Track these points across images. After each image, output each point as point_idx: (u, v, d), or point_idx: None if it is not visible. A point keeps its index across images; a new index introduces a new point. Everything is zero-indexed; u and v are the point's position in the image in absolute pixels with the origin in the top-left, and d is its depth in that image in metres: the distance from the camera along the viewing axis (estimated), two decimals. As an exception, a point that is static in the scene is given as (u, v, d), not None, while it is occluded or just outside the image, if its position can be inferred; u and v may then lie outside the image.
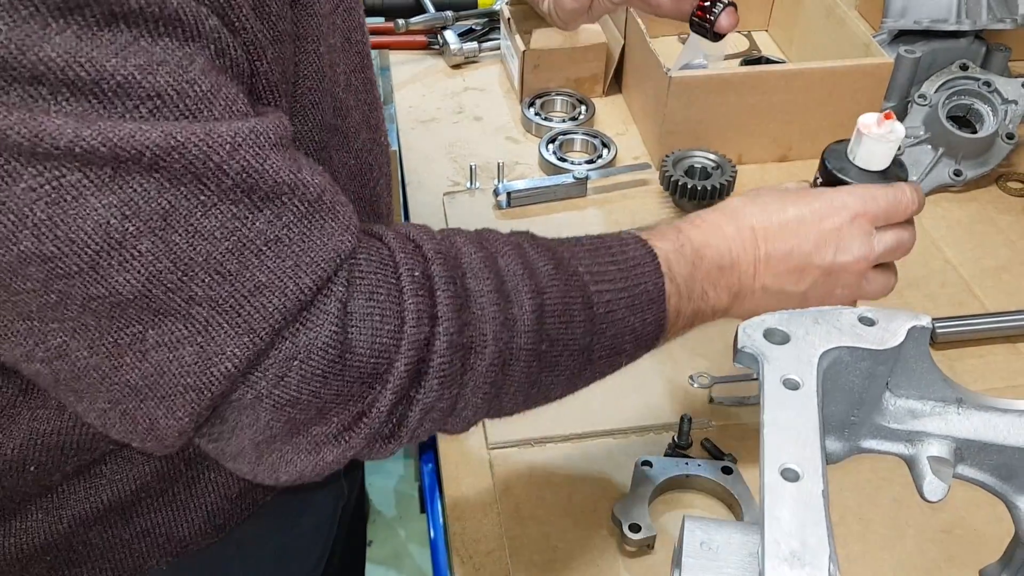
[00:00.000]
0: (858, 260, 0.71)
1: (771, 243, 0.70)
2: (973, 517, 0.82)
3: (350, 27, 0.69)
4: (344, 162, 0.69)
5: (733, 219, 0.70)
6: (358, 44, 0.71)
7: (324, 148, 0.66)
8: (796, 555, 0.44)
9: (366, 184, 0.73)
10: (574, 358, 0.63)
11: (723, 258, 0.69)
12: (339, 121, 0.67)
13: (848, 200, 0.72)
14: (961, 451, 0.58)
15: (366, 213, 0.74)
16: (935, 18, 1.24)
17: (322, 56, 0.63)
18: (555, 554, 0.80)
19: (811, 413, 0.50)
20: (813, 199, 0.72)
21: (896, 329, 0.55)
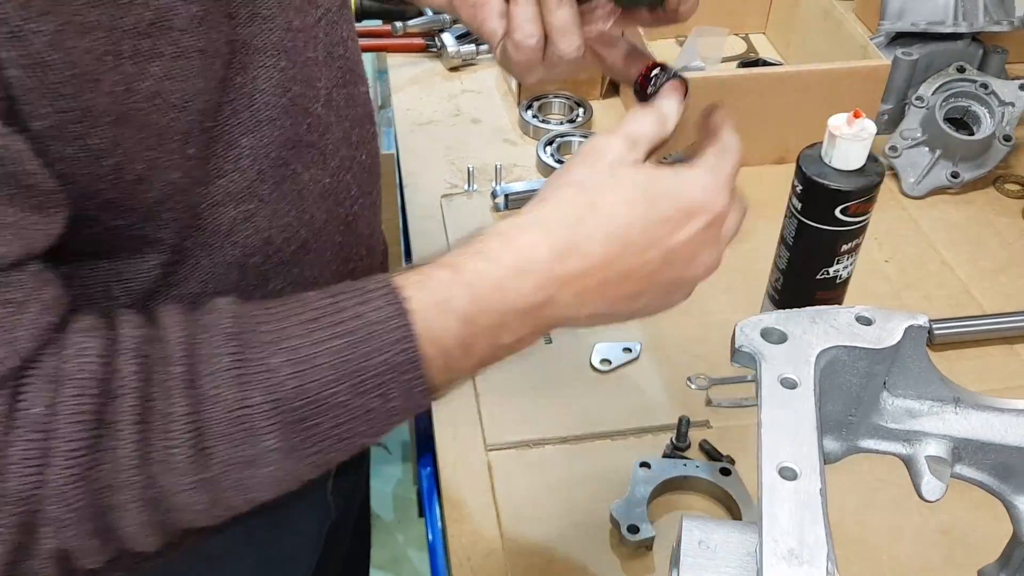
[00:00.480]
0: (708, 271, 0.61)
1: (606, 269, 0.56)
2: (971, 518, 0.82)
3: (333, 41, 0.67)
4: (317, 179, 0.66)
5: (551, 238, 0.55)
6: (341, 59, 0.69)
7: (286, 164, 0.63)
8: (794, 553, 0.44)
9: (341, 203, 0.70)
10: (271, 465, 0.52)
11: (527, 299, 0.55)
12: (314, 137, 0.65)
13: (703, 201, 0.58)
14: (959, 450, 0.58)
15: (340, 233, 0.70)
16: (932, 20, 1.25)
17: (287, 70, 0.60)
18: (554, 556, 0.80)
19: (809, 412, 0.50)
20: (659, 199, 0.57)
21: (893, 328, 0.55)
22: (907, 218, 1.16)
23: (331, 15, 0.67)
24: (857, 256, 0.89)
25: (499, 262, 0.55)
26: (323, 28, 0.65)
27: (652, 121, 0.62)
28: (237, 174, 0.60)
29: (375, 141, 0.76)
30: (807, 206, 0.85)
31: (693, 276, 0.61)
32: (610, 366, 0.96)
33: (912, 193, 1.19)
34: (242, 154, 0.60)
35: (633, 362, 0.96)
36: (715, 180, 0.60)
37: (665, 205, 0.57)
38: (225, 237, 0.62)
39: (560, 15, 0.62)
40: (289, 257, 0.66)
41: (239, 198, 0.61)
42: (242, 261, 0.63)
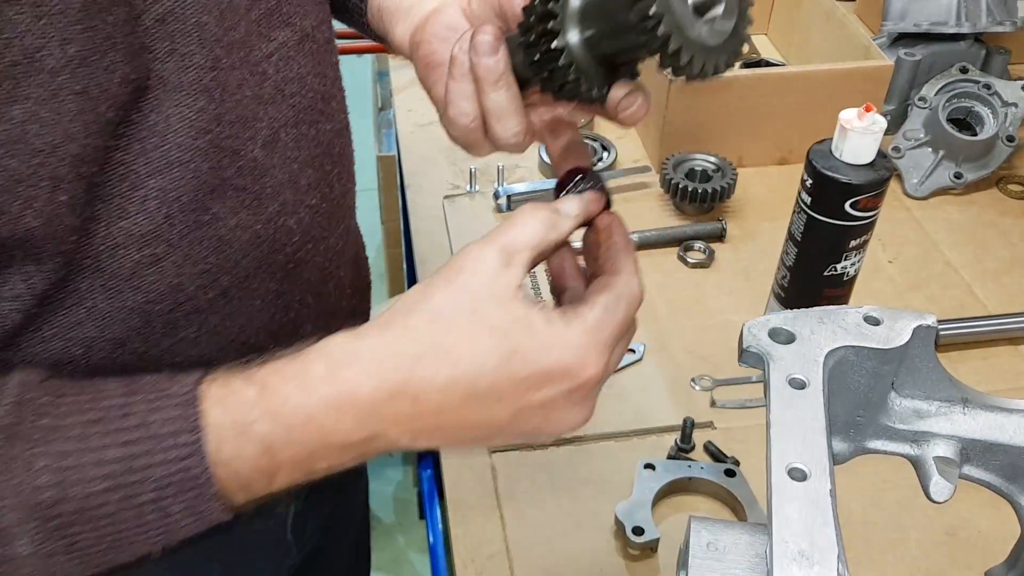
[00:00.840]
0: (573, 427, 0.54)
1: (442, 416, 0.50)
2: (978, 519, 0.82)
3: (286, 78, 0.62)
4: (246, 225, 0.62)
5: (382, 375, 0.49)
6: (296, 97, 0.64)
7: (204, 208, 0.59)
8: (805, 555, 0.44)
9: (280, 250, 0.65)
10: (26, 568, 0.49)
11: (344, 436, 0.50)
12: (245, 181, 0.61)
13: (570, 367, 0.50)
14: (967, 451, 0.58)
15: (277, 281, 0.66)
16: (935, 21, 1.24)
17: (207, 110, 0.56)
18: (558, 558, 0.79)
19: (818, 412, 0.50)
20: (517, 355, 0.49)
21: (902, 328, 0.55)
22: (911, 219, 1.16)
23: (286, 50, 0.62)
24: (864, 254, 0.88)
25: (315, 393, 0.49)
26: (274, 64, 0.61)
27: (538, 226, 0.53)
28: (142, 216, 0.56)
29: (342, 181, 0.71)
30: (817, 200, 0.84)
31: (553, 432, 0.54)
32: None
33: (915, 194, 1.19)
34: (149, 195, 0.55)
35: (636, 363, 0.96)
36: (593, 342, 0.51)
37: (522, 363, 0.49)
38: (126, 281, 0.57)
39: (495, 98, 0.55)
40: (205, 305, 0.62)
41: (144, 241, 0.57)
42: (146, 307, 0.59)
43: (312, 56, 0.65)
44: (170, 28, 0.53)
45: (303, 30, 0.64)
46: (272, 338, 0.68)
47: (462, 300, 0.50)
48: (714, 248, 1.09)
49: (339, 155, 0.70)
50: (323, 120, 0.67)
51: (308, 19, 0.64)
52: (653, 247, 1.10)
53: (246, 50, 0.59)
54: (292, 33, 0.63)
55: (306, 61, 0.64)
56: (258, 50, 0.60)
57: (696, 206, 1.12)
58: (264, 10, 0.60)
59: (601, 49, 0.53)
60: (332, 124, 0.69)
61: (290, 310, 0.69)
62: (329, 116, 0.68)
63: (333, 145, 0.69)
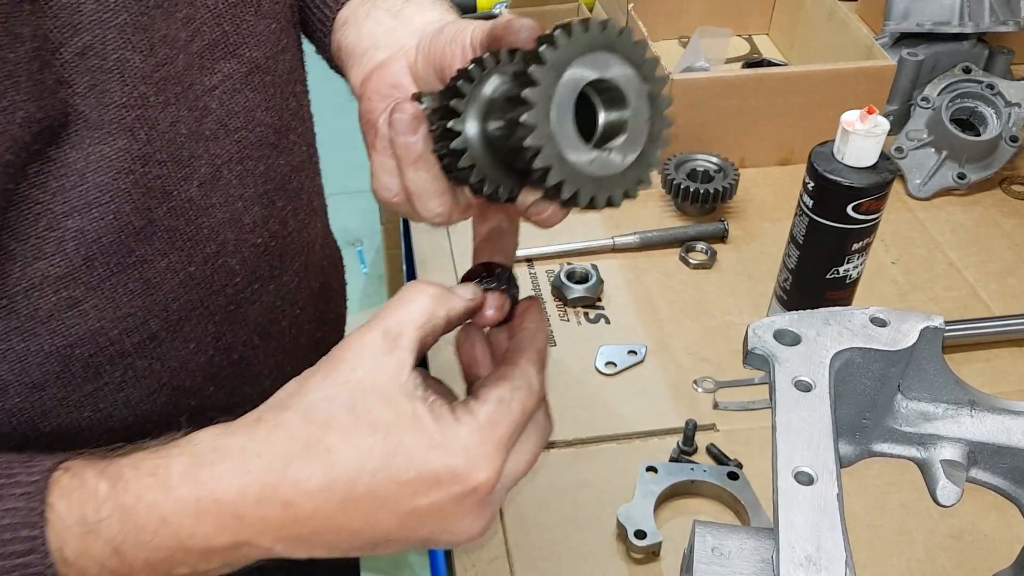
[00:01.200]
0: (470, 538, 0.48)
1: (319, 523, 0.46)
2: (983, 523, 0.81)
3: (230, 112, 0.60)
4: (177, 268, 0.60)
5: (249, 477, 0.45)
6: (241, 131, 0.61)
7: (129, 251, 0.56)
8: (812, 560, 0.43)
9: (218, 292, 0.63)
10: None
11: (205, 541, 0.46)
12: (178, 222, 0.58)
13: (458, 470, 0.45)
14: (974, 454, 0.57)
15: (215, 323, 0.64)
16: (937, 20, 1.24)
17: (130, 150, 0.53)
18: (559, 561, 0.78)
19: (824, 415, 0.49)
20: (400, 455, 0.45)
21: (908, 330, 0.55)
22: (914, 219, 1.15)
23: (232, 83, 0.59)
24: (867, 256, 0.88)
25: (172, 492, 0.45)
26: (217, 98, 0.59)
27: (425, 303, 0.48)
28: (59, 257, 0.53)
29: (299, 217, 0.68)
30: (819, 204, 0.84)
31: (448, 543, 0.49)
32: (615, 369, 0.95)
33: (918, 194, 1.18)
34: (66, 236, 0.53)
35: (638, 365, 0.95)
36: (484, 442, 0.46)
37: (406, 465, 0.45)
38: (43, 324, 0.55)
39: (414, 178, 0.51)
40: (130, 349, 0.59)
41: (61, 283, 0.54)
42: (65, 351, 0.57)
43: (263, 89, 0.62)
44: (90, 63, 0.50)
45: (253, 61, 0.61)
46: (210, 381, 0.66)
47: (341, 394, 0.46)
48: (716, 249, 1.08)
49: (296, 190, 0.67)
50: (275, 155, 0.64)
51: (260, 50, 0.61)
52: (654, 248, 1.09)
53: (183, 85, 0.56)
54: (239, 65, 0.60)
55: (255, 94, 0.61)
56: (199, 84, 0.57)
57: (698, 207, 1.11)
58: (207, 41, 0.58)
59: (499, 154, 0.48)
60: (288, 158, 0.66)
61: (232, 352, 0.66)
62: (284, 150, 0.65)
63: (288, 180, 0.66)
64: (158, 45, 0.53)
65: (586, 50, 0.43)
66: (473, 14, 1.51)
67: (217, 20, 0.58)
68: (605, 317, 1.01)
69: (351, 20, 0.63)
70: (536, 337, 0.52)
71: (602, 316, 1.01)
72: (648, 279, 1.06)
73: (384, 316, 0.48)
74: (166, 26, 0.54)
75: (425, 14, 0.60)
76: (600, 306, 1.02)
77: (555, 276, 1.03)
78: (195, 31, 0.57)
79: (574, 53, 0.42)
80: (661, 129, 0.46)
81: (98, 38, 0.50)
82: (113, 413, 0.61)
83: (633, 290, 1.04)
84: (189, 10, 0.56)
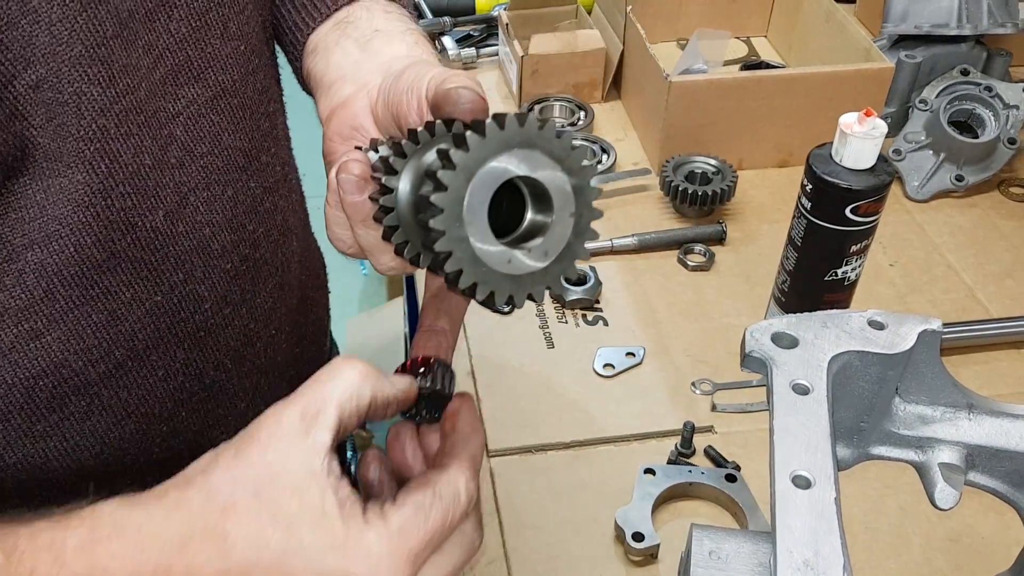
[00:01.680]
0: None
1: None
2: (980, 526, 0.81)
3: (196, 138, 0.59)
4: (143, 298, 0.59)
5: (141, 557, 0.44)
6: (208, 156, 0.60)
7: (91, 283, 0.56)
8: (809, 564, 0.43)
9: (187, 319, 0.62)
10: None
11: None
12: (143, 253, 0.57)
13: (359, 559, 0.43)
14: (972, 457, 0.57)
15: (184, 350, 0.63)
16: (935, 23, 1.24)
17: (90, 183, 0.52)
18: (557, 564, 0.78)
19: (822, 419, 0.49)
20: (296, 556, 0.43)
21: (906, 333, 0.54)
22: (912, 222, 1.15)
23: (197, 108, 0.58)
24: (865, 258, 0.88)
25: (65, 568, 0.43)
26: (182, 124, 0.58)
27: (352, 380, 0.46)
28: (19, 290, 0.53)
29: (271, 238, 0.67)
30: (817, 206, 0.84)
31: None
32: (613, 371, 0.94)
33: (916, 196, 1.18)
34: (26, 269, 0.52)
35: (636, 367, 0.95)
36: (392, 552, 0.43)
37: (301, 564, 0.43)
38: (4, 356, 0.55)
39: (363, 235, 0.50)
40: (95, 379, 0.59)
41: (21, 316, 0.54)
42: (28, 383, 0.56)
43: (230, 112, 0.61)
44: (44, 96, 0.49)
45: (219, 85, 0.60)
46: (181, 406, 0.65)
47: (247, 477, 0.44)
48: (714, 251, 1.08)
49: (269, 211, 0.67)
50: (244, 178, 0.64)
51: (226, 73, 0.61)
52: (653, 250, 1.09)
53: (146, 114, 0.55)
54: (204, 89, 0.59)
55: (220, 118, 0.61)
56: (163, 111, 0.56)
57: (696, 209, 1.11)
58: (170, 67, 0.57)
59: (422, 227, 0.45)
60: (259, 180, 0.65)
61: (204, 377, 0.66)
62: (255, 172, 0.65)
63: (260, 202, 0.65)
64: (118, 75, 0.52)
65: (502, 149, 0.42)
66: (471, 16, 1.51)
67: (180, 45, 0.57)
68: (603, 319, 1.01)
69: (320, 48, 0.63)
70: (470, 441, 0.49)
71: (600, 318, 1.01)
72: (646, 281, 1.06)
73: (305, 391, 0.45)
74: (126, 55, 0.53)
75: (393, 46, 0.59)
76: (598, 308, 1.02)
77: (553, 278, 1.03)
78: (157, 58, 0.56)
79: (487, 154, 0.41)
80: (588, 222, 0.45)
81: (52, 71, 0.49)
82: (80, 442, 0.61)
83: (631, 292, 1.04)
84: (150, 37, 0.55)
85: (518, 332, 0.99)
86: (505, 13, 1.36)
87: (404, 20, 0.62)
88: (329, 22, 0.64)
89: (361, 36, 0.60)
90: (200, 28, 0.58)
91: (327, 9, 0.64)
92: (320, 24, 0.64)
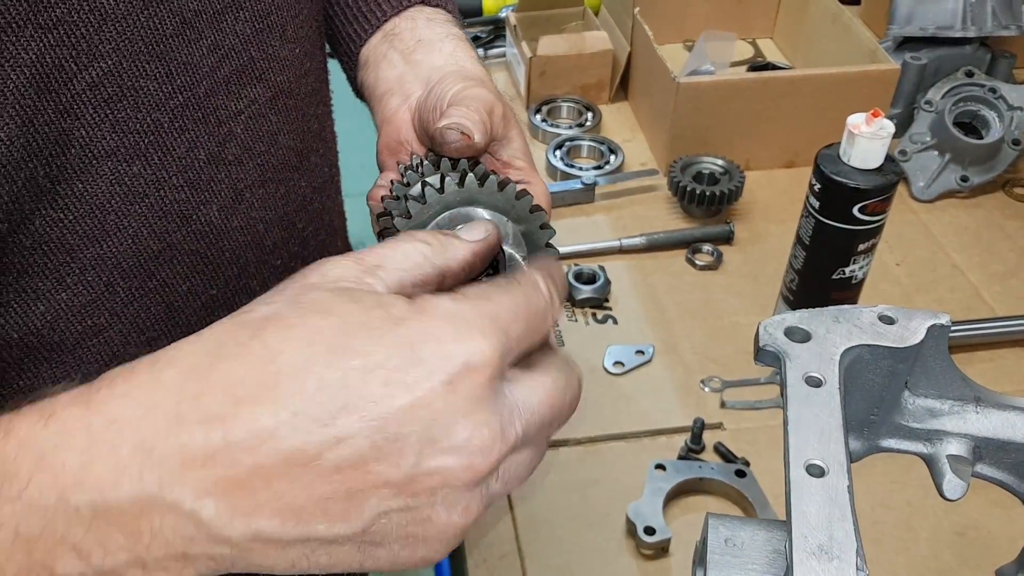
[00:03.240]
0: (474, 458, 0.35)
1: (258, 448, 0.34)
2: (987, 519, 0.82)
3: (255, 137, 0.60)
4: (199, 291, 0.60)
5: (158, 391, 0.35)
6: (264, 155, 0.61)
7: (150, 275, 0.57)
8: (824, 549, 0.44)
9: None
10: None
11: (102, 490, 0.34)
12: (199, 245, 0.58)
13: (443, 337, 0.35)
14: (980, 450, 0.59)
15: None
16: (940, 25, 1.25)
17: (145, 175, 0.53)
18: (570, 558, 0.79)
19: (834, 410, 0.50)
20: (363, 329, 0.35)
21: (916, 327, 0.56)
22: (917, 222, 1.16)
23: (257, 108, 0.60)
24: (873, 257, 0.89)
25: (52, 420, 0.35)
26: (243, 123, 0.59)
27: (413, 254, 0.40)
28: (82, 287, 0.54)
29: (319, 238, 0.68)
30: (825, 205, 0.85)
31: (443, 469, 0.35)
32: (623, 368, 0.96)
33: (922, 197, 1.19)
34: (87, 265, 0.53)
35: (646, 365, 0.96)
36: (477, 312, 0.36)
37: (369, 343, 0.35)
38: (69, 352, 0.55)
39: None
40: None
41: (84, 312, 0.55)
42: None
43: (286, 112, 0.63)
44: (105, 93, 0.50)
45: (278, 86, 0.61)
46: None
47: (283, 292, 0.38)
48: (722, 251, 1.09)
49: (317, 211, 0.68)
50: (296, 177, 0.65)
51: (284, 74, 0.62)
52: (661, 249, 1.10)
53: (204, 111, 0.56)
54: (265, 90, 0.60)
55: (278, 118, 0.62)
56: (223, 109, 0.57)
57: (704, 209, 1.12)
58: (234, 67, 0.58)
59: None
60: (309, 180, 0.67)
61: None
62: (306, 172, 0.66)
63: (309, 201, 0.67)
64: (176, 72, 0.54)
65: (443, 210, 0.47)
66: (478, 18, 1.52)
67: (244, 46, 0.58)
68: (613, 318, 1.02)
69: (371, 61, 0.65)
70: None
71: (610, 317, 1.02)
72: (655, 280, 1.07)
73: (366, 254, 0.40)
74: (187, 53, 0.54)
75: (432, 56, 0.62)
76: (608, 307, 1.03)
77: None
78: (222, 57, 0.57)
79: (430, 217, 0.46)
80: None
81: (115, 65, 0.50)
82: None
83: (640, 291, 1.05)
84: (216, 36, 0.56)
85: (529, 330, 1.00)
86: (512, 15, 1.38)
87: (446, 25, 0.64)
88: (378, 34, 0.66)
89: (405, 47, 0.63)
90: (263, 30, 0.59)
91: (376, 20, 0.66)
92: (370, 36, 0.66)
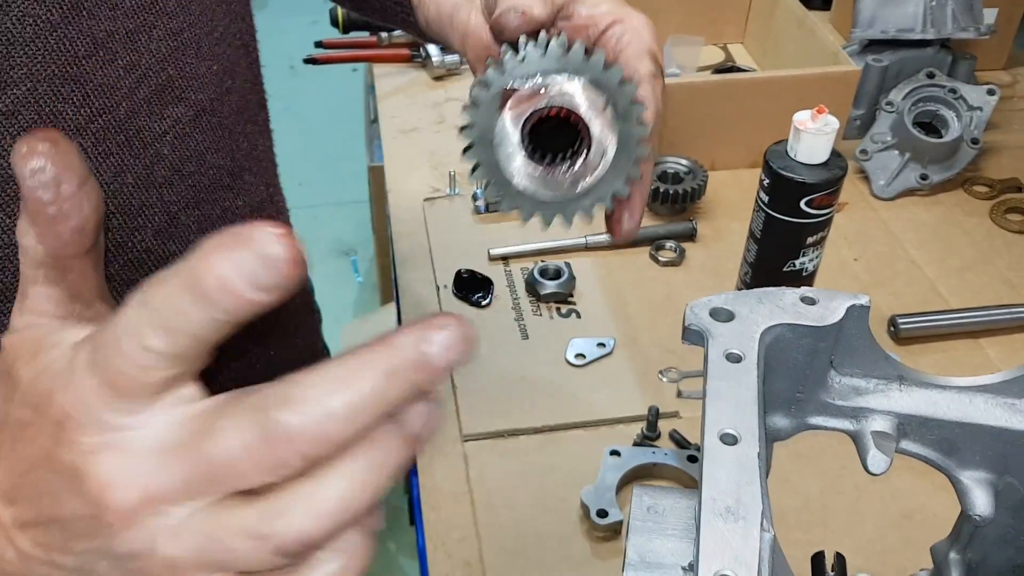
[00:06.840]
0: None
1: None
2: (932, 503, 0.85)
3: (184, 157, 0.59)
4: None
5: None
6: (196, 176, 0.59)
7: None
8: (731, 511, 0.47)
9: None
10: None
11: None
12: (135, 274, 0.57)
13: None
14: (904, 426, 0.61)
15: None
16: (901, 27, 1.28)
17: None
18: (526, 541, 0.82)
19: (751, 383, 0.53)
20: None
21: (836, 307, 0.58)
22: (877, 219, 1.19)
23: (182, 127, 0.58)
24: (823, 249, 0.92)
25: None
26: (169, 143, 0.58)
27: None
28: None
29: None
30: (774, 199, 0.88)
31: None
32: (584, 360, 0.98)
33: (882, 195, 1.22)
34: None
35: (607, 356, 0.99)
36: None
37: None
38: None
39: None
40: None
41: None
42: None
43: (212, 131, 0.62)
44: (23, 120, 0.49)
45: (199, 104, 0.61)
46: None
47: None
48: (685, 247, 1.12)
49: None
50: (231, 197, 0.65)
51: (204, 92, 0.61)
52: (626, 246, 1.13)
53: (128, 133, 0.55)
54: (187, 109, 0.59)
55: (204, 137, 0.61)
56: (147, 130, 0.56)
57: (668, 207, 1.15)
58: (153, 87, 0.57)
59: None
60: (246, 199, 0.66)
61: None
62: (240, 192, 0.65)
63: (246, 221, 0.65)
64: (93, 95, 0.53)
65: (540, 72, 0.43)
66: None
67: (161, 65, 0.57)
68: (576, 312, 1.04)
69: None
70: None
71: (573, 311, 1.05)
72: (619, 276, 1.10)
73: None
74: (102, 74, 0.53)
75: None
76: (572, 302, 1.06)
77: (529, 273, 1.07)
78: (140, 78, 0.56)
79: (527, 73, 0.42)
80: (631, 159, 0.46)
81: (31, 91, 0.49)
82: None
83: (604, 286, 1.08)
84: (131, 56, 0.55)
85: (494, 324, 1.03)
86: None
87: None
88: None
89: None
90: (178, 47, 0.59)
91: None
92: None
